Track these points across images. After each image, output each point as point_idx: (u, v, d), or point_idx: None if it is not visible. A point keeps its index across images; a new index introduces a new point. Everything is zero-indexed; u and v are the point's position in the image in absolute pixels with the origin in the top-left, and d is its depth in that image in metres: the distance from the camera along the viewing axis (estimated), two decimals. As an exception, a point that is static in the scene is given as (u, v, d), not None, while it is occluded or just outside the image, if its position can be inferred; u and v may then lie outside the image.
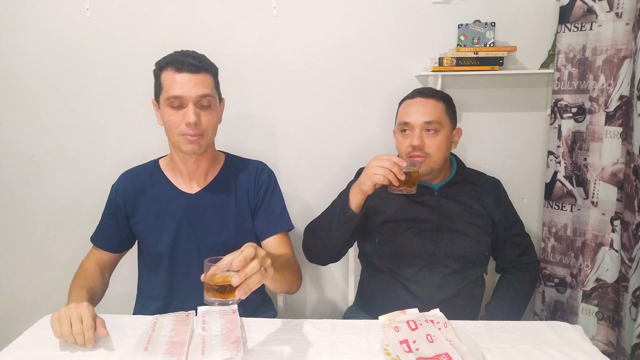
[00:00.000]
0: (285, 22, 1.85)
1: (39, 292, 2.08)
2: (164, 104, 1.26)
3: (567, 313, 1.80)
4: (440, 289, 1.42)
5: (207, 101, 1.27)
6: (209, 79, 1.28)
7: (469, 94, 1.87)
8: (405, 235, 1.45)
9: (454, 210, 1.46)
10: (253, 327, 1.20)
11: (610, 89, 1.60)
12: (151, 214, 1.37)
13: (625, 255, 1.53)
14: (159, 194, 1.38)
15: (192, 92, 1.24)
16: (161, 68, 1.28)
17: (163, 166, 1.42)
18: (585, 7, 1.63)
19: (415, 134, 1.40)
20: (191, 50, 1.31)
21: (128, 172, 1.44)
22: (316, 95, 1.90)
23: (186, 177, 1.38)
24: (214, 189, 1.39)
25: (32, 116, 1.95)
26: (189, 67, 1.24)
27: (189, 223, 1.36)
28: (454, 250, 1.44)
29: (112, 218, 1.41)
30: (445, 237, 1.44)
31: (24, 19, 1.87)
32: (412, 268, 1.44)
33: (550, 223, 1.81)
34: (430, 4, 1.81)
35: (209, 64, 1.31)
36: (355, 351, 1.09)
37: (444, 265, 1.43)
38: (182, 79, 1.24)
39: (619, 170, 1.60)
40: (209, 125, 1.29)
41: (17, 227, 2.04)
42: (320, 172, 1.95)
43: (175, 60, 1.25)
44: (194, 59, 1.26)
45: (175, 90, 1.23)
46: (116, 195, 1.40)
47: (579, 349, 1.10)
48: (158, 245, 1.36)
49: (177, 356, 1.02)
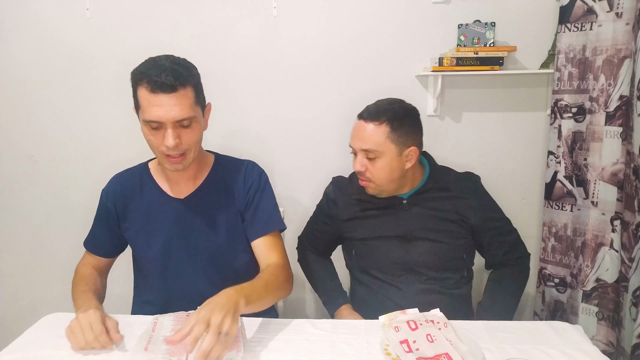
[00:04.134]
0: (285, 23, 1.85)
1: (39, 292, 2.08)
2: (142, 123, 1.19)
3: (567, 313, 1.80)
4: (420, 296, 1.40)
5: (187, 122, 1.17)
6: (188, 94, 1.15)
7: (469, 94, 1.87)
8: (378, 249, 1.45)
9: (424, 219, 1.42)
10: (253, 327, 1.20)
11: (610, 89, 1.60)
12: (141, 220, 1.34)
13: (625, 255, 1.53)
14: (148, 199, 1.34)
15: (170, 115, 1.13)
16: (136, 82, 1.16)
17: (152, 170, 1.38)
18: (585, 7, 1.63)
19: (357, 158, 1.38)
20: (167, 61, 1.16)
21: (118, 176, 1.40)
22: (316, 95, 1.90)
23: (175, 182, 1.35)
24: (203, 192, 1.35)
25: (32, 116, 1.95)
26: (163, 87, 1.11)
27: (180, 228, 1.33)
28: (427, 258, 1.41)
29: (104, 223, 1.38)
30: (418, 246, 1.42)
31: (24, 19, 1.87)
32: (390, 278, 1.44)
33: (550, 223, 1.81)
34: (430, 4, 1.81)
35: (187, 75, 1.16)
36: (355, 351, 1.09)
37: (419, 273, 1.42)
38: (158, 102, 1.12)
39: (619, 170, 1.60)
40: (192, 143, 1.21)
41: (17, 227, 2.04)
42: (319, 172, 1.94)
43: (150, 79, 1.12)
44: (170, 75, 1.12)
45: (151, 115, 1.13)
46: (106, 199, 1.36)
47: (579, 349, 1.10)
48: (149, 251, 1.34)
49: (178, 356, 1.02)
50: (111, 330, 1.08)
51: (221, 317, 0.98)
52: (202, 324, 0.95)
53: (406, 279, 1.43)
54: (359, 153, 1.38)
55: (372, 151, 1.35)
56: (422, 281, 1.42)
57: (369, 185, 1.39)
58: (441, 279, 1.43)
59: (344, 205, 1.50)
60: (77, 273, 1.37)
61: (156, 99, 1.13)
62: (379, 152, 1.35)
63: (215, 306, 1.00)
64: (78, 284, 1.30)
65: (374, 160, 1.36)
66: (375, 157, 1.35)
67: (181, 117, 1.15)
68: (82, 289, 1.27)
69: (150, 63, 1.17)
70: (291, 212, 1.49)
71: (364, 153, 1.36)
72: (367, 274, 1.48)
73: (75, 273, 1.37)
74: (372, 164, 1.36)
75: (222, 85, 1.89)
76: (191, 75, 1.18)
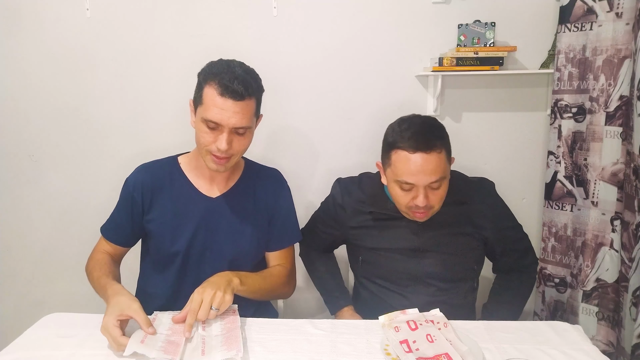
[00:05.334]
0: (285, 22, 1.85)
1: (39, 292, 2.08)
2: (200, 119, 1.22)
3: (567, 313, 1.80)
4: (428, 306, 1.33)
5: (242, 130, 1.22)
6: (251, 105, 1.21)
7: (469, 94, 1.87)
8: (387, 260, 1.41)
9: (438, 232, 1.38)
10: (253, 327, 1.20)
11: (610, 89, 1.60)
12: (169, 213, 1.33)
13: (625, 255, 1.53)
14: (178, 194, 1.34)
15: (231, 121, 1.18)
16: (206, 79, 1.20)
17: (183, 165, 1.38)
18: (585, 7, 1.63)
19: (419, 192, 1.25)
20: (240, 69, 1.21)
21: (145, 166, 1.39)
22: (316, 95, 1.90)
23: (208, 180, 1.36)
24: (235, 194, 1.37)
25: (32, 116, 1.95)
26: (233, 94, 1.16)
27: (207, 227, 1.33)
28: (438, 270, 1.38)
29: (128, 212, 1.35)
30: (429, 258, 1.38)
31: (24, 19, 1.87)
32: (397, 288, 1.41)
33: (550, 223, 1.81)
34: (430, 4, 1.81)
35: (255, 87, 1.22)
36: (355, 351, 1.09)
37: (428, 285, 1.39)
38: (224, 105, 1.17)
39: (619, 170, 1.60)
40: (240, 150, 1.26)
41: (17, 227, 2.04)
42: (319, 172, 1.95)
43: (221, 82, 1.17)
44: (241, 84, 1.17)
45: (213, 115, 1.18)
46: (133, 189, 1.34)
47: (579, 349, 1.10)
48: (173, 246, 1.33)
49: (172, 355, 1.02)
50: (143, 325, 1.08)
51: (212, 293, 1.13)
52: (197, 301, 1.11)
53: (414, 289, 1.40)
54: (423, 188, 1.25)
55: (440, 180, 1.26)
56: (429, 293, 1.39)
57: (427, 214, 1.30)
58: (449, 290, 1.40)
59: (353, 213, 1.45)
60: (93, 259, 1.36)
61: (223, 102, 1.17)
62: (444, 179, 1.27)
63: (208, 284, 1.16)
64: (97, 269, 1.30)
65: (438, 187, 1.27)
66: (440, 186, 1.27)
67: (240, 125, 1.20)
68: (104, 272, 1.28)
69: (224, 66, 1.21)
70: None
71: (429, 185, 1.25)
72: (372, 282, 1.46)
73: (92, 259, 1.36)
74: (435, 192, 1.27)
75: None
76: (258, 88, 1.25)
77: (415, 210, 1.29)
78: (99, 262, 1.34)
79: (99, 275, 1.28)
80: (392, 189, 1.32)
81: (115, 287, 1.19)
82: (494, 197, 1.47)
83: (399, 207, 1.33)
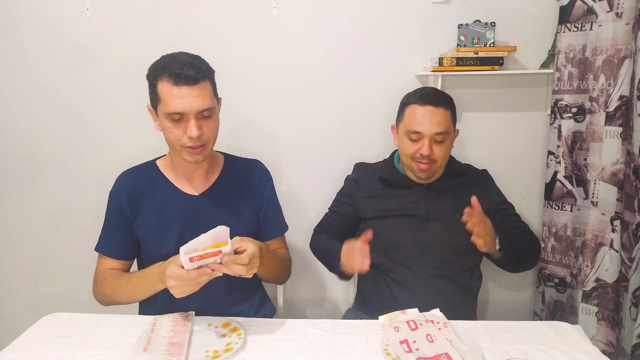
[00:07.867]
0: (285, 23, 1.85)
1: (39, 292, 2.08)
2: (163, 117, 1.22)
3: (567, 313, 1.80)
4: (432, 279, 1.43)
5: (208, 112, 1.23)
6: (207, 87, 1.23)
7: (469, 94, 1.87)
8: (394, 228, 1.49)
9: (443, 202, 1.49)
10: (253, 327, 1.20)
11: (610, 89, 1.60)
12: (154, 217, 1.34)
13: (625, 255, 1.53)
14: (161, 196, 1.35)
15: (193, 106, 1.19)
16: (156, 77, 1.22)
17: (162, 167, 1.39)
18: (585, 7, 1.63)
19: (424, 142, 1.42)
20: (185, 56, 1.23)
21: (126, 174, 1.40)
22: (316, 95, 1.90)
23: (188, 179, 1.36)
24: (217, 190, 1.38)
25: (32, 116, 1.95)
26: (187, 80, 1.17)
27: (193, 225, 1.32)
28: (443, 240, 1.46)
29: (119, 223, 1.35)
30: (434, 227, 1.47)
31: (24, 18, 1.87)
32: (402, 259, 1.46)
33: (550, 223, 1.81)
34: (430, 4, 1.81)
35: (205, 69, 1.24)
36: (355, 351, 1.09)
37: (434, 254, 1.46)
38: (181, 94, 1.18)
39: (619, 170, 1.60)
40: (211, 135, 1.27)
41: (17, 227, 2.04)
42: (320, 172, 1.95)
43: (172, 72, 1.18)
44: (191, 68, 1.18)
45: (175, 107, 1.18)
46: (119, 199, 1.34)
47: (579, 349, 1.10)
48: (163, 248, 1.32)
49: (177, 357, 1.02)
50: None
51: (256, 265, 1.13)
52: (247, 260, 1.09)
53: (419, 261, 1.46)
54: (428, 138, 1.42)
55: (444, 133, 1.42)
56: (435, 264, 1.45)
57: (430, 167, 1.44)
58: (454, 263, 1.46)
59: (366, 184, 1.57)
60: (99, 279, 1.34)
61: (179, 91, 1.18)
62: (447, 135, 1.44)
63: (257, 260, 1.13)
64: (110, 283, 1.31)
65: (441, 143, 1.43)
66: (444, 140, 1.43)
67: (204, 107, 1.21)
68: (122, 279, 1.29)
69: (169, 58, 1.23)
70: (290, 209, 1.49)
71: (434, 136, 1.42)
72: (380, 255, 1.47)
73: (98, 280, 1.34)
74: (439, 147, 1.43)
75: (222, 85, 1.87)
76: (208, 70, 1.26)
77: (419, 160, 1.43)
78: (111, 276, 1.32)
79: (121, 283, 1.28)
80: (401, 143, 1.49)
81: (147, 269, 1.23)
82: (490, 179, 1.64)
83: (405, 160, 1.48)
